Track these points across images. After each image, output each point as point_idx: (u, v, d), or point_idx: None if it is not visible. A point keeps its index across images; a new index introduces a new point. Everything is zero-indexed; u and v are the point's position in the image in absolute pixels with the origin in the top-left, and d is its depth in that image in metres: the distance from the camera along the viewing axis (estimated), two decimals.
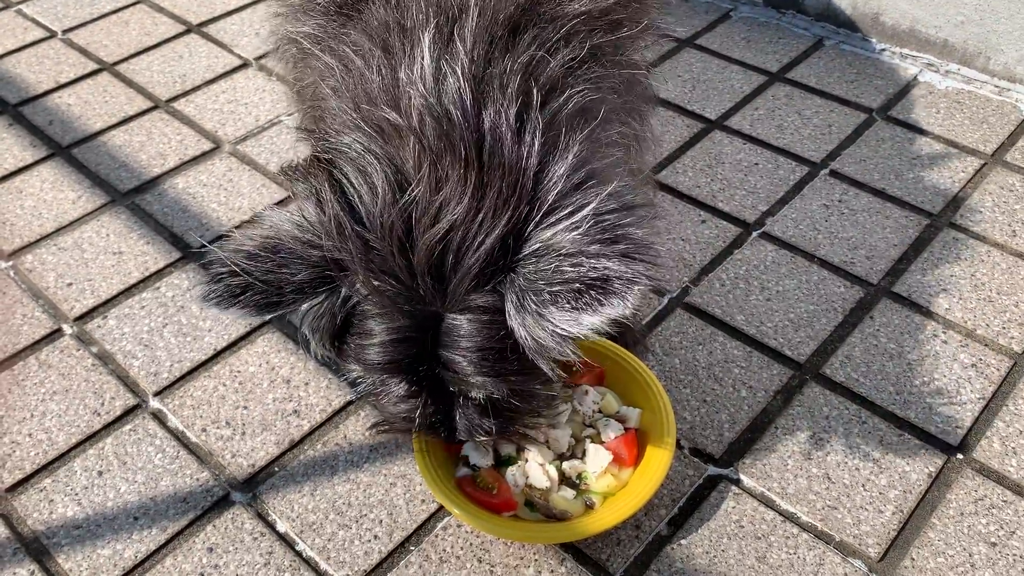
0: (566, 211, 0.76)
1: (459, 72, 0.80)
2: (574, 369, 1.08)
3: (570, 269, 0.74)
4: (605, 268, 0.73)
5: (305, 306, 0.82)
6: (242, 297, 0.78)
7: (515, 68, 0.82)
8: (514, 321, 0.78)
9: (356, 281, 0.80)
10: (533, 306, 0.76)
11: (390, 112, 0.80)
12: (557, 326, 0.75)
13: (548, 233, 0.76)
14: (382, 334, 0.81)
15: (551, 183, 0.77)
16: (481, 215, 0.76)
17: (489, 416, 0.89)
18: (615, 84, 0.95)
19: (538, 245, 0.76)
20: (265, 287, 0.78)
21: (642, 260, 0.73)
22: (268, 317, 0.82)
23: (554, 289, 0.74)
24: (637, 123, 1.08)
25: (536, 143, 0.78)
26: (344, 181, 0.79)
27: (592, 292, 0.73)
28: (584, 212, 0.75)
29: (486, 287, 0.78)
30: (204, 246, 0.80)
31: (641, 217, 0.77)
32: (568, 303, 0.73)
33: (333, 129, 0.84)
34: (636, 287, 0.72)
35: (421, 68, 0.81)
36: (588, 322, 0.74)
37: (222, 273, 0.78)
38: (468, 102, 0.79)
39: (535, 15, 0.87)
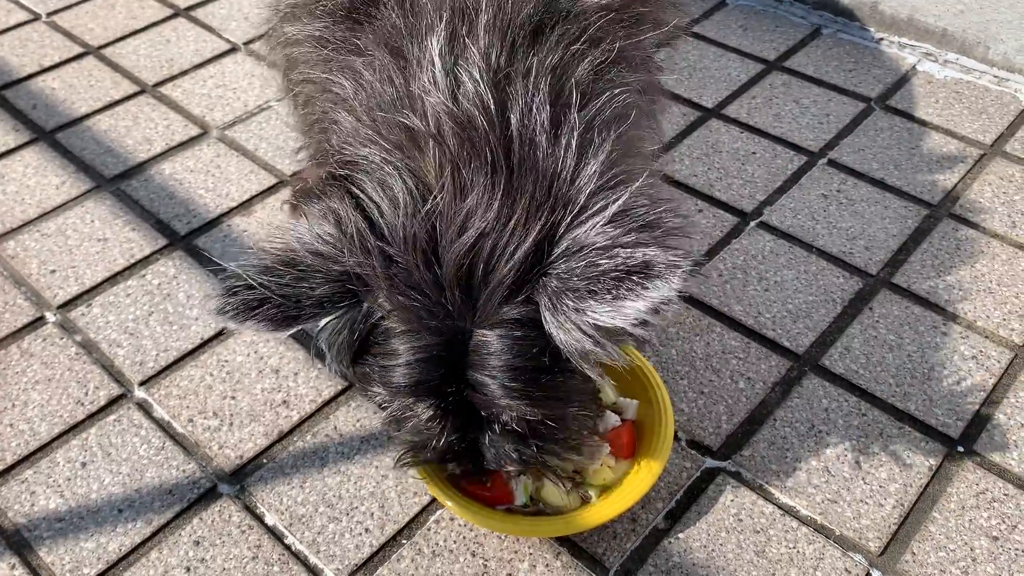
0: (595, 208, 0.74)
1: (476, 74, 0.78)
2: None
3: (606, 261, 0.71)
4: (644, 254, 0.70)
5: (323, 321, 0.79)
6: (259, 311, 0.75)
7: (544, 68, 0.79)
8: (551, 325, 0.75)
9: (380, 297, 0.77)
10: (571, 303, 0.72)
11: (408, 117, 0.78)
12: (599, 318, 0.71)
13: (580, 231, 0.73)
14: (407, 353, 0.78)
15: (583, 183, 0.75)
16: (512, 222, 0.73)
17: (521, 445, 0.85)
18: (641, 86, 0.93)
19: (568, 243, 0.73)
20: (283, 301, 0.75)
21: (679, 245, 0.71)
22: (285, 333, 0.78)
23: (591, 282, 0.71)
24: (654, 121, 1.07)
25: (574, 145, 0.76)
26: (362, 196, 0.76)
27: (634, 278, 0.70)
28: (615, 207, 0.73)
29: (518, 298, 0.75)
30: (223, 266, 0.76)
31: (668, 209, 0.75)
32: (608, 293, 0.70)
33: (347, 144, 0.81)
34: (679, 269, 0.69)
35: (433, 74, 0.79)
36: (632, 309, 0.70)
37: (238, 286, 0.75)
38: (491, 103, 0.76)
39: (555, 12, 0.85)
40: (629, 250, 0.71)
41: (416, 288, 0.75)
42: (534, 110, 0.76)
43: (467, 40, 0.80)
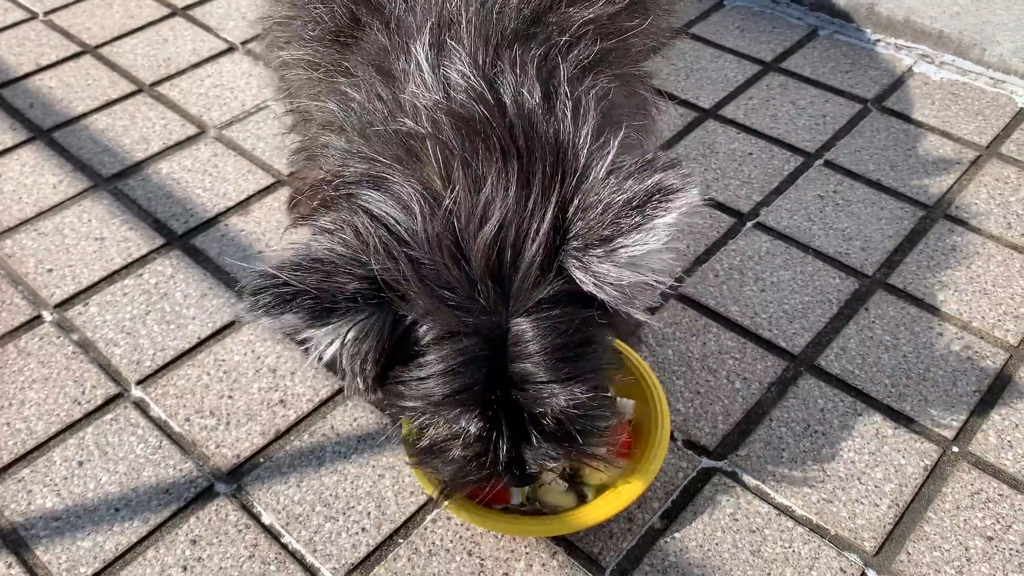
0: (595, 163, 0.75)
1: (464, 70, 0.78)
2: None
3: (620, 198, 0.72)
4: (655, 178, 0.72)
5: (353, 331, 0.76)
6: (295, 302, 0.71)
7: (530, 58, 0.80)
8: (588, 284, 0.74)
9: (412, 302, 0.75)
10: (599, 251, 0.73)
11: (403, 123, 0.77)
12: (632, 249, 0.72)
13: (585, 187, 0.74)
14: (447, 359, 0.76)
15: (581, 145, 0.76)
16: (531, 202, 0.73)
17: (564, 441, 0.84)
18: (623, 87, 0.93)
19: (578, 202, 0.74)
20: (318, 293, 0.72)
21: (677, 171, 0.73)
22: (322, 330, 0.75)
23: (612, 224, 0.72)
24: (643, 124, 1.07)
25: (568, 113, 0.77)
26: (373, 209, 0.75)
27: (655, 197, 0.71)
28: (610, 158, 0.75)
29: (549, 275, 0.75)
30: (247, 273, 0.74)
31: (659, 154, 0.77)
32: (635, 221, 0.71)
33: (342, 166, 0.81)
34: (691, 178, 0.71)
35: (422, 77, 0.79)
36: (663, 225, 0.71)
37: (267, 284, 0.71)
38: (485, 92, 0.76)
39: (543, 24, 0.86)
40: (638, 183, 0.72)
41: (449, 287, 0.74)
42: (525, 91, 0.77)
43: (452, 44, 0.80)
